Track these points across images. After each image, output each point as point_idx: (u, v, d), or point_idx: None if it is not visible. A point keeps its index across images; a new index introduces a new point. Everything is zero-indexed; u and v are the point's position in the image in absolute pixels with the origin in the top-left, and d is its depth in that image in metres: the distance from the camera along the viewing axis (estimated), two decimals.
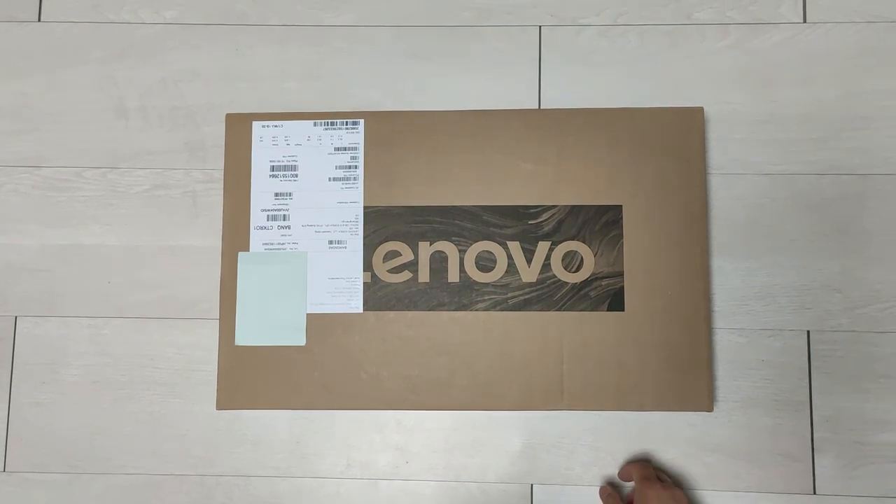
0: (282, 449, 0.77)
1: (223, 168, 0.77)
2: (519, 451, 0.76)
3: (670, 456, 0.75)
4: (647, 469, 0.70)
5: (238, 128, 0.77)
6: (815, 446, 0.74)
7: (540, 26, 0.80)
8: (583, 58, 0.80)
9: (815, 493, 0.74)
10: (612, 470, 0.75)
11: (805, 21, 0.79)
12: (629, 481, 0.73)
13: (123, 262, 0.79)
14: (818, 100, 0.78)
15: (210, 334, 0.77)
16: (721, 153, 0.78)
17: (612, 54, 0.79)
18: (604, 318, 0.73)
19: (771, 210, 0.77)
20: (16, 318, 0.79)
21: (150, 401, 0.77)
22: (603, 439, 0.75)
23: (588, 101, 0.79)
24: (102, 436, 0.77)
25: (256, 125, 0.77)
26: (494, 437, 0.76)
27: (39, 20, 0.82)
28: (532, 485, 0.75)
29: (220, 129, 0.78)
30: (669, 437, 0.75)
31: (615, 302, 0.73)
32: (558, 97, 0.79)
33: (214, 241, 0.77)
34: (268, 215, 0.76)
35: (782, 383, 0.75)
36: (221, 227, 0.76)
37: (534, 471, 0.75)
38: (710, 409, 0.72)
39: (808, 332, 0.75)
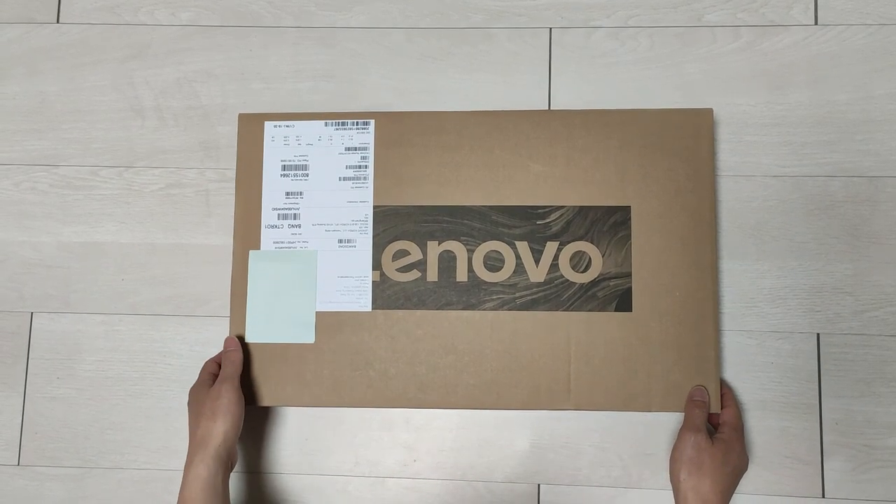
0: (291, 446, 0.77)
1: (235, 167, 0.78)
2: (526, 451, 0.76)
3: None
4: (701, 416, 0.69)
5: (250, 127, 0.78)
6: (824, 449, 0.74)
7: (551, 28, 0.81)
8: (593, 59, 0.80)
9: (823, 496, 0.74)
10: (619, 471, 0.75)
11: (816, 23, 0.79)
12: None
13: (137, 259, 0.80)
14: (829, 102, 0.77)
15: (221, 331, 0.77)
16: (732, 155, 0.78)
17: (622, 56, 0.80)
18: (611, 319, 0.73)
19: (781, 212, 0.77)
20: (32, 313, 0.80)
21: (162, 396, 0.78)
22: (610, 440, 0.75)
23: (598, 103, 0.79)
24: (115, 430, 0.78)
25: (268, 125, 0.77)
26: (502, 437, 0.76)
27: (58, 21, 0.84)
28: (539, 484, 0.76)
29: (234, 129, 0.79)
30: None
31: (623, 302, 0.73)
32: (568, 98, 0.79)
33: (227, 240, 0.78)
34: (279, 214, 0.76)
35: (791, 386, 0.75)
36: (233, 226, 0.77)
37: (541, 471, 0.76)
38: (718, 411, 0.71)
39: (818, 334, 0.75)
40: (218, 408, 0.68)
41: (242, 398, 0.70)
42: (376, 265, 0.75)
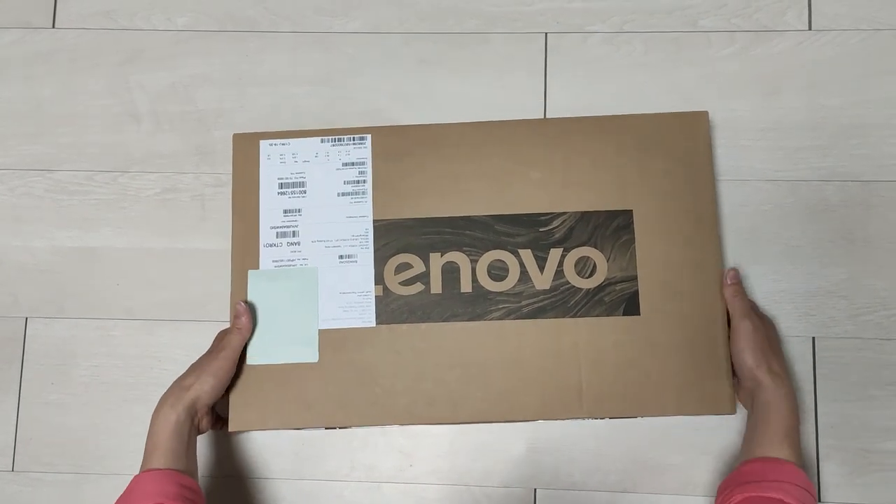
0: (287, 451, 0.77)
1: (231, 186, 0.77)
2: (523, 456, 0.76)
3: (675, 461, 0.74)
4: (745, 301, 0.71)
5: (245, 147, 0.77)
6: (820, 453, 0.74)
7: (546, 33, 0.81)
8: (589, 64, 0.80)
9: (820, 500, 0.74)
10: (616, 475, 0.75)
11: (810, 28, 0.79)
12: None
13: (133, 264, 0.80)
14: (823, 107, 0.78)
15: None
16: (726, 160, 0.78)
17: (617, 61, 0.80)
18: (620, 323, 0.72)
19: (776, 216, 0.77)
20: (26, 319, 0.80)
21: (157, 402, 0.78)
22: (606, 444, 0.75)
23: (594, 108, 0.79)
24: (110, 436, 0.78)
25: (264, 144, 0.77)
26: (498, 442, 0.76)
27: (54, 27, 0.84)
28: (535, 489, 0.75)
29: (230, 134, 0.78)
30: (674, 442, 0.75)
31: (630, 306, 0.73)
32: (564, 103, 0.80)
33: (222, 244, 0.78)
34: (277, 232, 0.75)
35: None
36: (230, 231, 0.76)
37: (537, 475, 0.75)
38: (733, 412, 0.70)
39: (814, 338, 0.75)
40: (207, 368, 0.69)
41: (234, 369, 0.71)
42: (379, 279, 0.74)
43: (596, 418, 0.73)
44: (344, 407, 0.72)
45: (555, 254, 0.74)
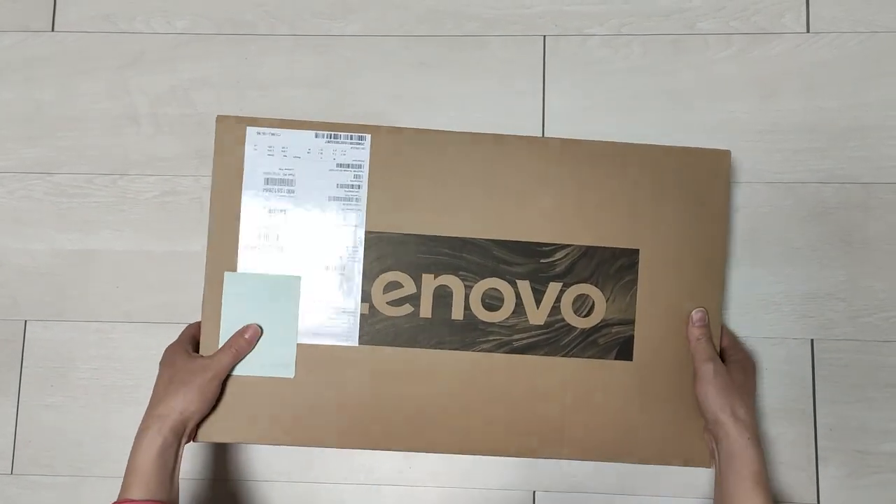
0: (286, 454, 0.77)
1: (211, 177, 0.72)
2: (522, 458, 0.75)
3: (674, 463, 0.74)
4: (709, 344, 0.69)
5: (230, 133, 0.70)
6: (818, 456, 0.74)
7: (545, 36, 0.81)
8: (587, 67, 0.80)
9: (818, 502, 0.74)
10: (614, 478, 0.75)
11: (808, 31, 0.79)
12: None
13: (132, 267, 0.80)
14: (821, 109, 0.78)
15: None
16: None
17: (616, 63, 0.80)
18: (610, 367, 0.70)
19: (774, 219, 0.77)
20: (26, 321, 0.80)
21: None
22: None
23: (592, 110, 0.79)
24: (109, 439, 0.78)
25: (251, 131, 0.70)
26: None
27: (53, 30, 0.84)
28: (534, 491, 0.76)
29: None
30: None
31: (623, 351, 0.70)
32: (563, 105, 0.80)
33: None
34: (259, 233, 0.70)
35: (785, 392, 0.75)
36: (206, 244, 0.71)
37: (536, 477, 0.75)
38: (711, 466, 0.69)
39: (812, 340, 0.75)
40: (193, 388, 0.65)
41: (219, 388, 0.68)
42: (366, 297, 0.70)
43: (577, 460, 0.71)
44: (318, 429, 0.69)
45: (553, 288, 0.70)
